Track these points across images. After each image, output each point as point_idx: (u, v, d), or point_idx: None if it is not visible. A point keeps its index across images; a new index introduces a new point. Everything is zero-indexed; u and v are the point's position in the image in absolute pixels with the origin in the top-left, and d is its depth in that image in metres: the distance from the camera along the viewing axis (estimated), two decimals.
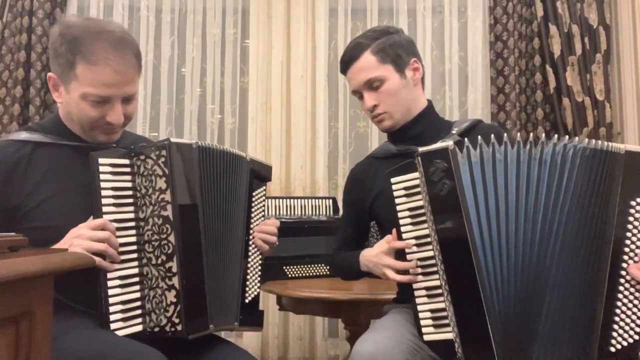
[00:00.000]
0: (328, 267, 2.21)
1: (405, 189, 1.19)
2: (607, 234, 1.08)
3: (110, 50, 1.12)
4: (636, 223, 1.08)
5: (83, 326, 1.11)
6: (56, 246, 1.04)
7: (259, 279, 1.37)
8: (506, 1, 2.73)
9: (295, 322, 2.68)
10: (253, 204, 1.37)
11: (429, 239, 1.16)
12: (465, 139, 1.16)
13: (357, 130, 2.87)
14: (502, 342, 1.07)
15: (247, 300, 1.32)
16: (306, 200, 2.38)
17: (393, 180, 1.21)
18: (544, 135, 1.15)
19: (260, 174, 1.40)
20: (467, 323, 1.09)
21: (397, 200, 1.20)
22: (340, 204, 2.50)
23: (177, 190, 1.13)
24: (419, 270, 1.17)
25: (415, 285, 1.18)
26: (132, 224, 1.13)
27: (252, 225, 1.36)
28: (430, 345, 1.16)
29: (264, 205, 1.42)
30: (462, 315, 1.10)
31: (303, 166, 2.78)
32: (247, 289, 1.33)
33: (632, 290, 1.06)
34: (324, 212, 2.39)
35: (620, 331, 1.06)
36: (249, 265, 1.34)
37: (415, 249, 1.18)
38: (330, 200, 2.44)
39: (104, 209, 1.09)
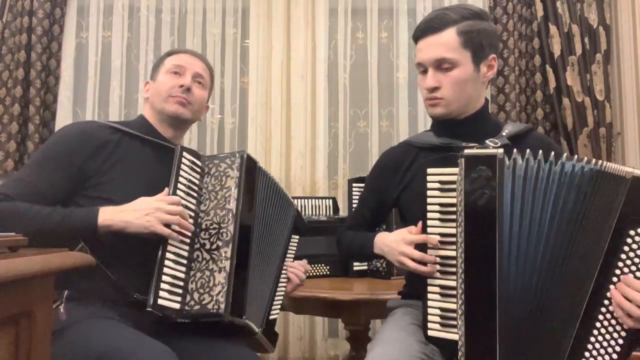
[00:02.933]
0: (328, 267, 2.21)
1: (440, 182, 1.14)
2: (594, 259, 1.02)
3: (188, 52, 1.53)
4: (631, 254, 1.00)
5: (100, 316, 1.19)
6: (128, 210, 1.21)
7: (280, 306, 1.49)
8: (506, 1, 2.73)
9: (295, 322, 2.68)
10: (290, 244, 1.53)
11: (453, 239, 1.11)
12: (515, 149, 1.09)
13: (357, 130, 2.87)
14: (506, 357, 1.05)
15: (270, 317, 1.43)
16: (306, 200, 2.38)
17: (429, 171, 1.16)
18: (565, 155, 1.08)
19: (299, 224, 1.58)
20: (476, 331, 1.07)
21: (429, 193, 1.15)
22: (340, 204, 2.51)
23: (243, 190, 1.32)
24: (437, 267, 1.14)
25: (429, 281, 1.15)
26: (192, 213, 1.30)
27: (285, 259, 1.51)
28: (431, 341, 1.15)
29: (294, 253, 1.56)
30: (472, 322, 1.07)
31: (303, 166, 2.77)
32: (272, 307, 1.44)
33: (612, 322, 1.01)
34: (324, 212, 2.39)
35: None
36: (278, 289, 1.47)
37: (438, 245, 1.14)
38: (330, 200, 2.43)
39: (177, 192, 1.28)
